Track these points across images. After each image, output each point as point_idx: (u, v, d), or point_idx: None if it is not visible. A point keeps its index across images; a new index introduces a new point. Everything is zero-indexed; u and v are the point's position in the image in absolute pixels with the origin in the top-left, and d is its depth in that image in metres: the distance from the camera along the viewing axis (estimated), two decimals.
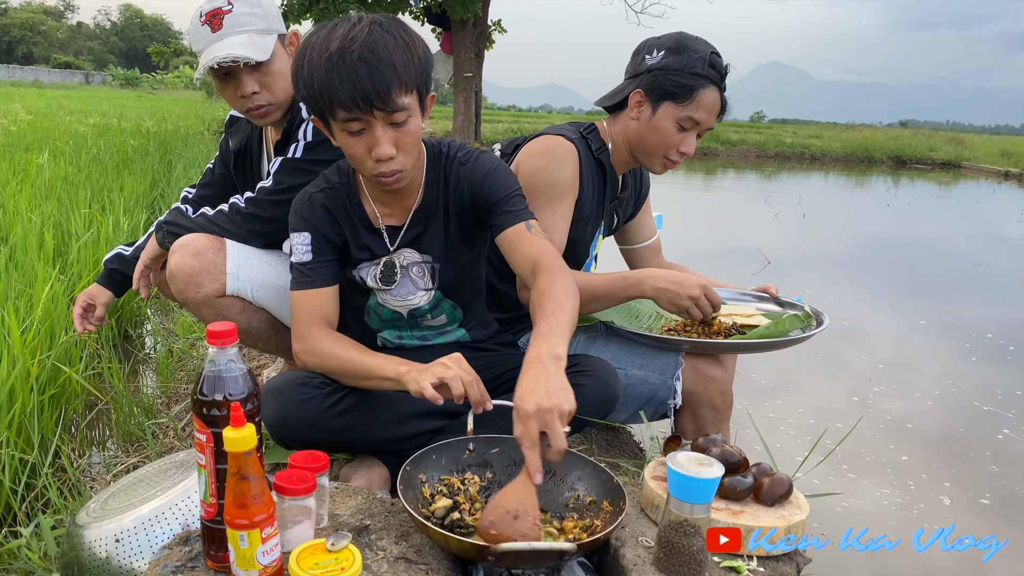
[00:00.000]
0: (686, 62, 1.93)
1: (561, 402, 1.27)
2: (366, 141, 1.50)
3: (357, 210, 1.73)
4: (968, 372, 4.00)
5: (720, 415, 2.03)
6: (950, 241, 9.07)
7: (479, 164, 1.71)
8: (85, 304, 2.18)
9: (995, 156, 23.60)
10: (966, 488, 2.70)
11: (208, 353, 1.15)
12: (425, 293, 1.79)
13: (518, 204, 1.67)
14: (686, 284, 1.88)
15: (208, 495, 1.17)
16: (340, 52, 1.42)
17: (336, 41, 1.42)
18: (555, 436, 1.27)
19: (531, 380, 1.31)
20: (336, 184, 1.73)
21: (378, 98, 1.43)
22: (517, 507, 1.28)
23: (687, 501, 1.19)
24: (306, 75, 1.46)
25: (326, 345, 1.64)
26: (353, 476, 1.72)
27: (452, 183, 1.72)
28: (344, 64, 1.41)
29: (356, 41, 1.42)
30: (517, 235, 1.63)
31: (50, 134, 8.61)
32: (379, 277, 1.76)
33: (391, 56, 1.43)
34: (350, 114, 1.45)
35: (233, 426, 1.07)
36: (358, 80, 1.41)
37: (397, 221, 1.74)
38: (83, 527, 1.47)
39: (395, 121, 1.49)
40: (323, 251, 1.70)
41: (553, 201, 1.95)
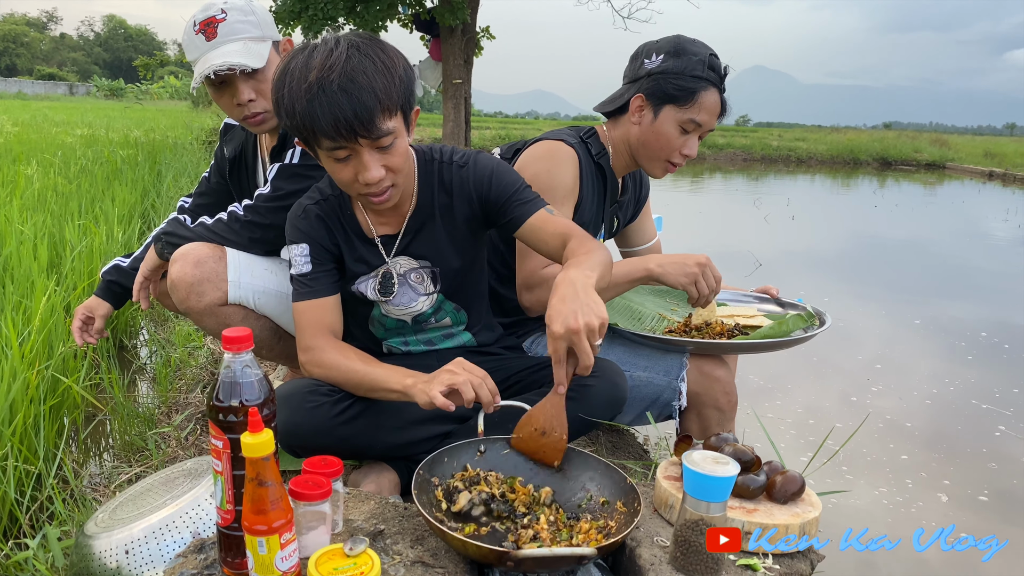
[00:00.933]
0: (686, 65, 1.94)
1: (590, 319, 1.32)
2: (353, 167, 1.50)
3: (350, 221, 1.73)
4: (964, 371, 4.02)
5: (725, 416, 2.03)
6: (939, 241, 9.14)
7: (480, 165, 1.72)
8: (84, 317, 2.17)
9: (979, 157, 23.83)
10: (965, 486, 2.71)
11: (224, 359, 1.14)
12: (427, 298, 1.79)
13: (530, 194, 1.70)
14: (691, 256, 1.89)
15: (225, 502, 1.16)
16: (320, 82, 1.40)
17: (315, 70, 1.41)
18: (583, 354, 1.33)
19: (559, 300, 1.36)
20: (329, 196, 1.73)
21: (361, 127, 1.42)
22: (544, 423, 1.41)
23: (703, 499, 1.20)
24: (287, 105, 1.45)
25: (331, 357, 1.64)
26: (363, 482, 1.72)
27: (451, 187, 1.72)
28: (324, 95, 1.40)
29: (335, 70, 1.40)
30: (542, 220, 1.66)
31: (37, 146, 8.54)
32: (378, 289, 1.76)
33: (371, 83, 1.42)
34: (335, 143, 1.45)
35: (251, 431, 1.06)
36: (340, 111, 1.40)
37: (391, 229, 1.75)
38: (92, 537, 1.46)
39: (381, 146, 1.48)
40: (322, 261, 1.70)
41: (556, 203, 1.96)
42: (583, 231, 1.64)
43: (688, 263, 1.87)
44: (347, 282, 1.77)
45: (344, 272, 1.76)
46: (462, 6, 10.07)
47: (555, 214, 1.68)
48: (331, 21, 9.54)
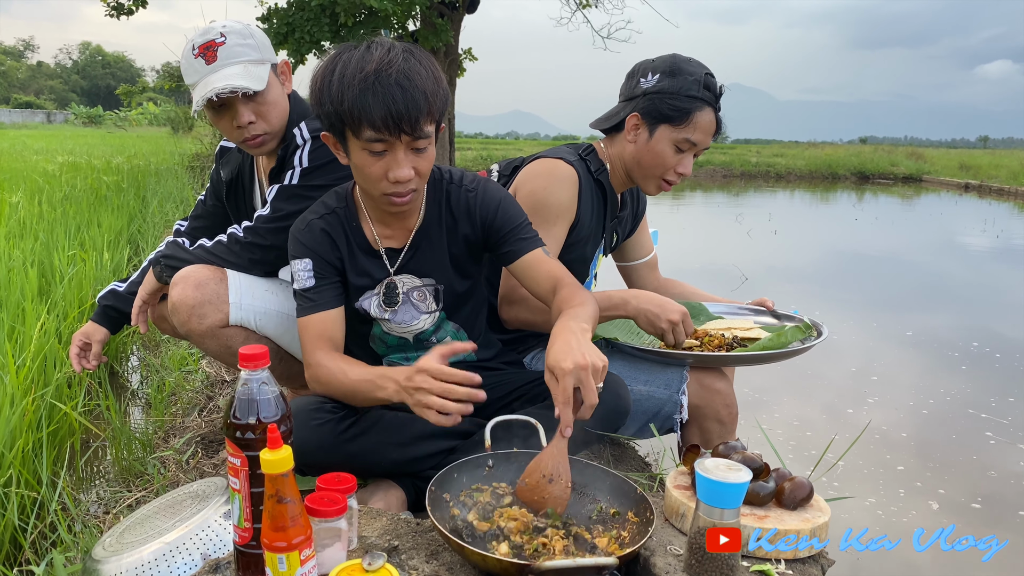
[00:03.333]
0: (681, 85, 1.97)
1: (595, 360, 1.37)
2: (385, 162, 1.53)
3: (356, 234, 1.74)
4: (959, 381, 4.07)
5: (726, 428, 2.05)
6: (921, 253, 9.26)
7: (489, 194, 1.75)
8: (81, 343, 2.16)
9: (954, 169, 24.20)
10: (960, 494, 2.75)
11: (240, 376, 1.15)
12: (429, 316, 1.80)
13: (530, 232, 1.75)
14: (668, 309, 1.91)
15: (243, 520, 1.16)
16: (377, 73, 1.45)
17: (373, 63, 1.46)
18: (589, 392, 1.35)
19: (563, 343, 1.41)
20: (335, 208, 1.74)
21: (408, 123, 1.46)
22: (551, 471, 1.39)
23: (717, 506, 1.21)
24: (335, 91, 1.48)
25: (326, 371, 1.64)
26: (370, 500, 1.71)
27: (457, 208, 1.75)
28: (380, 86, 1.44)
29: (393, 66, 1.46)
30: (537, 260, 1.71)
31: (19, 174, 8.49)
32: (382, 300, 1.77)
33: (424, 85, 1.48)
34: (377, 134, 1.48)
35: (270, 448, 1.07)
36: (392, 103, 1.44)
37: (397, 243, 1.76)
38: (100, 562, 1.45)
39: (417, 147, 1.53)
40: (325, 275, 1.71)
41: (547, 223, 1.97)
42: (574, 279, 1.69)
43: (661, 317, 1.91)
44: (350, 298, 1.77)
45: (347, 286, 1.77)
46: (445, 28, 10.14)
47: (550, 256, 1.73)
48: (317, 45, 9.58)
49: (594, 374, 1.36)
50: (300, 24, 9.46)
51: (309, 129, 1.99)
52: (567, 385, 1.35)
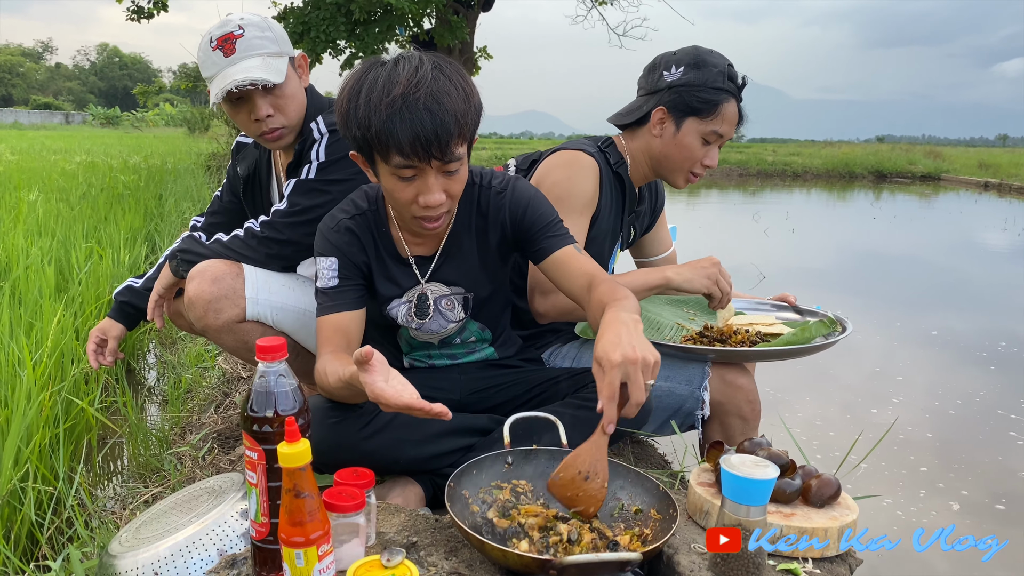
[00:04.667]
0: (707, 77, 1.95)
1: (646, 354, 1.27)
2: (416, 187, 1.48)
3: (385, 239, 1.71)
4: (988, 381, 3.98)
5: (749, 424, 2.01)
6: (942, 252, 9.14)
7: (519, 193, 1.71)
8: (98, 339, 2.16)
9: (973, 168, 23.94)
10: (983, 495, 2.69)
11: (257, 368, 1.13)
12: (455, 324, 1.79)
13: (561, 229, 1.70)
14: (702, 260, 1.95)
15: (260, 514, 1.15)
16: (404, 98, 1.38)
17: (400, 85, 1.38)
18: (636, 388, 1.25)
19: (614, 335, 1.30)
20: (365, 211, 1.70)
21: (438, 148, 1.40)
22: (588, 467, 1.32)
23: (743, 503, 1.18)
24: (362, 116, 1.42)
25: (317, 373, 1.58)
26: (388, 496, 1.69)
27: (488, 211, 1.71)
28: (408, 111, 1.37)
29: (421, 87, 1.38)
30: (570, 256, 1.66)
31: (38, 173, 8.56)
32: (414, 311, 1.75)
33: (454, 105, 1.40)
34: (407, 161, 1.42)
35: (288, 441, 1.05)
36: (421, 129, 1.38)
37: (426, 251, 1.73)
38: (117, 557, 1.44)
39: (448, 170, 1.47)
40: (350, 276, 1.67)
41: (573, 213, 1.95)
42: (608, 275, 1.63)
43: (705, 265, 1.92)
44: (378, 303, 1.75)
45: (372, 290, 1.74)
46: (461, 26, 10.13)
47: (582, 253, 1.67)
48: (332, 44, 9.60)
49: (644, 370, 1.26)
50: (316, 23, 9.48)
51: (326, 123, 1.98)
52: (613, 379, 1.25)
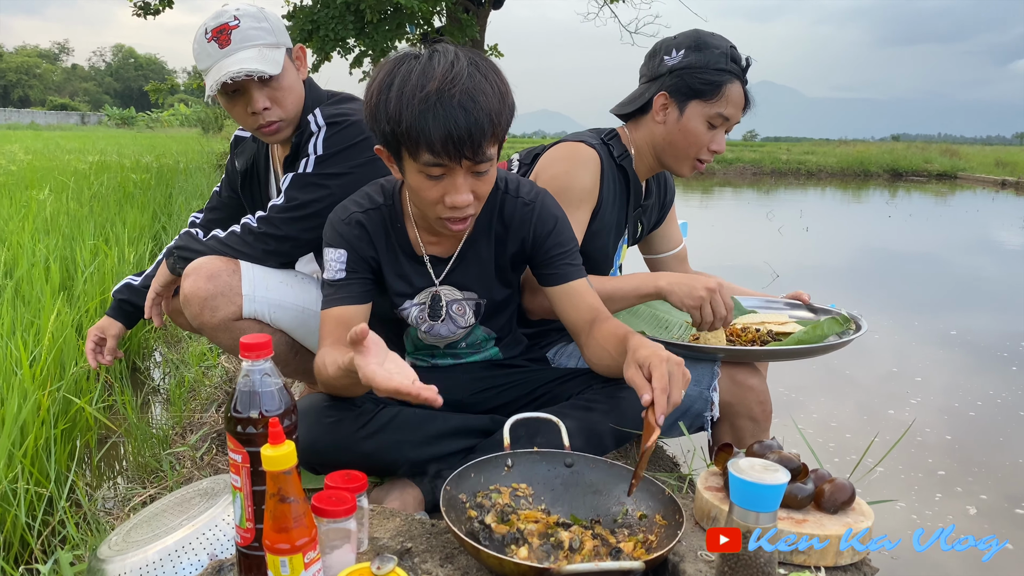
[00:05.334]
0: (709, 58, 1.89)
1: (684, 367, 1.35)
2: (443, 186, 1.43)
3: (400, 235, 1.66)
4: (1010, 382, 3.87)
5: (759, 426, 1.95)
6: (959, 250, 8.99)
7: (547, 211, 1.67)
8: (96, 338, 2.12)
9: (990, 166, 23.68)
10: (1002, 499, 2.62)
11: (241, 367, 1.08)
12: (464, 330, 1.75)
13: (578, 259, 1.69)
14: (701, 279, 1.82)
15: (244, 520, 1.10)
16: (439, 94, 1.32)
17: (435, 80, 1.33)
18: (676, 389, 1.32)
19: (656, 345, 1.39)
20: (380, 205, 1.64)
21: (470, 148, 1.36)
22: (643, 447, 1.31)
23: (752, 509, 1.12)
24: (393, 110, 1.36)
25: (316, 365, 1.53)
26: (386, 499, 1.65)
27: (511, 220, 1.67)
28: (442, 107, 1.32)
29: (457, 84, 1.33)
30: (583, 289, 1.66)
31: (50, 172, 8.58)
32: (427, 313, 1.71)
33: (489, 104, 1.36)
34: (436, 159, 1.37)
35: (271, 443, 1.00)
36: (455, 127, 1.33)
37: (442, 251, 1.68)
38: (105, 561, 1.40)
39: (478, 171, 1.43)
40: (358, 270, 1.63)
41: (570, 207, 1.90)
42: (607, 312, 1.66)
43: (697, 287, 1.81)
44: (389, 300, 1.71)
45: (380, 291, 1.70)
46: (471, 23, 10.09)
47: (592, 288, 1.68)
48: (341, 43, 9.57)
49: (684, 378, 1.34)
50: (325, 21, 9.45)
51: (324, 116, 1.93)
52: (664, 372, 1.30)
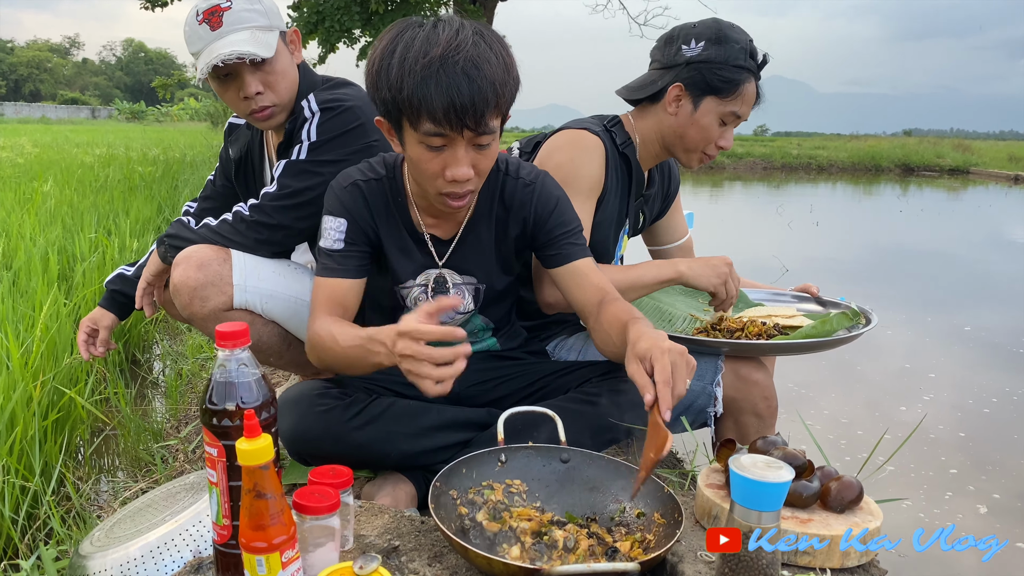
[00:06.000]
0: (729, 54, 1.83)
1: (687, 355, 1.26)
2: (444, 159, 1.39)
3: (401, 210, 1.61)
4: None
5: (764, 422, 1.90)
6: (972, 246, 8.86)
7: (548, 191, 1.63)
8: (88, 329, 2.07)
9: (1003, 161, 23.46)
10: (1016, 498, 2.56)
11: (217, 357, 1.03)
12: (463, 315, 1.69)
13: (581, 239, 1.64)
14: (716, 257, 1.86)
15: (221, 516, 1.05)
16: (443, 60, 1.29)
17: (439, 47, 1.30)
18: (680, 379, 1.23)
19: (656, 334, 1.30)
20: (382, 176, 1.60)
21: (472, 117, 1.31)
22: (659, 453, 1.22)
23: (754, 509, 1.07)
24: (395, 77, 1.32)
25: (316, 333, 1.49)
26: (377, 494, 1.60)
27: (512, 201, 1.62)
28: (445, 74, 1.29)
29: (461, 51, 1.30)
30: (589, 268, 1.60)
31: (56, 165, 8.57)
32: (431, 295, 1.65)
33: (493, 74, 1.32)
34: (438, 128, 1.33)
35: (247, 436, 0.95)
36: (458, 95, 1.29)
37: (443, 233, 1.64)
38: (87, 558, 1.35)
39: (480, 143, 1.38)
40: (356, 242, 1.58)
41: (580, 195, 1.85)
42: (616, 291, 1.58)
43: (716, 264, 1.83)
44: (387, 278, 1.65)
45: (379, 262, 1.65)
46: (478, 15, 10.02)
47: (597, 267, 1.62)
48: (347, 34, 9.52)
49: (688, 367, 1.25)
50: (330, 13, 9.39)
51: (318, 101, 1.88)
52: (666, 364, 1.22)
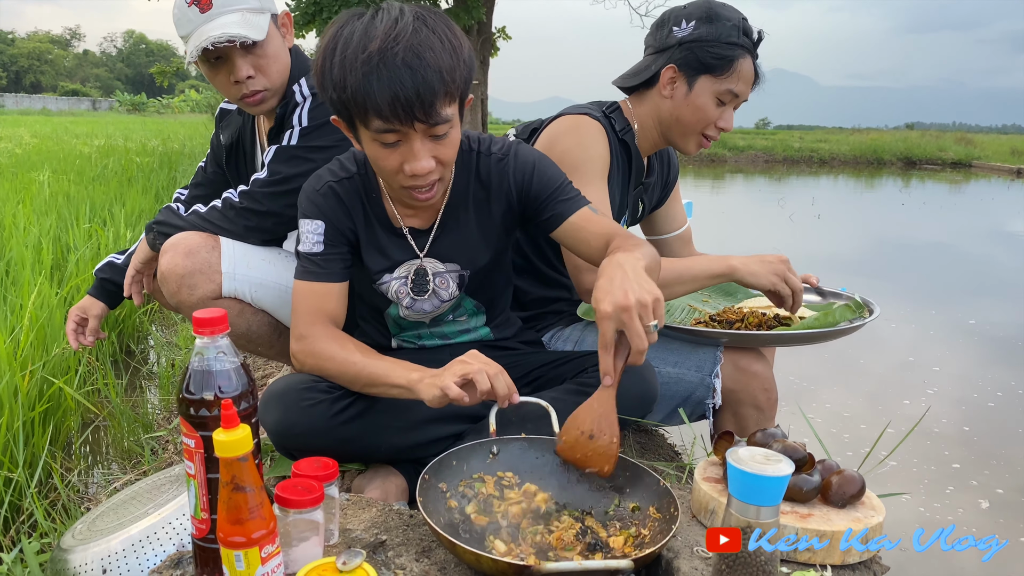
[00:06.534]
0: (721, 31, 1.78)
1: (642, 295, 1.18)
2: (400, 154, 1.34)
3: (376, 206, 1.57)
4: None
5: (764, 415, 1.86)
6: (975, 239, 8.81)
7: (521, 158, 1.56)
8: (78, 318, 2.04)
9: (1006, 155, 23.38)
10: (1019, 493, 2.52)
11: (195, 345, 1.00)
12: (448, 303, 1.65)
13: (572, 191, 1.56)
14: (771, 255, 1.77)
15: (199, 509, 1.02)
16: (381, 54, 1.24)
17: (376, 40, 1.24)
18: (635, 335, 1.17)
19: (606, 280, 1.23)
20: (354, 174, 1.55)
21: (421, 110, 1.26)
22: (591, 426, 1.24)
23: (752, 503, 1.03)
24: (337, 75, 1.28)
25: (326, 346, 1.47)
26: (367, 487, 1.56)
27: (489, 180, 1.57)
28: (385, 68, 1.23)
29: (400, 41, 1.24)
30: (585, 219, 1.52)
31: (54, 155, 8.53)
32: (410, 288, 1.61)
33: (438, 61, 1.26)
34: (387, 125, 1.28)
35: (224, 427, 0.91)
36: (401, 88, 1.24)
37: (421, 223, 1.59)
38: (68, 551, 1.32)
39: (436, 134, 1.33)
40: (335, 243, 1.53)
41: (595, 178, 1.80)
42: (627, 233, 1.50)
43: (772, 261, 1.75)
44: (366, 276, 1.62)
45: (358, 266, 1.61)
46: (477, 5, 9.95)
47: (598, 213, 1.54)
48: None
49: (641, 312, 1.17)
50: (328, 4, 9.34)
51: (309, 85, 1.84)
52: (606, 330, 1.18)
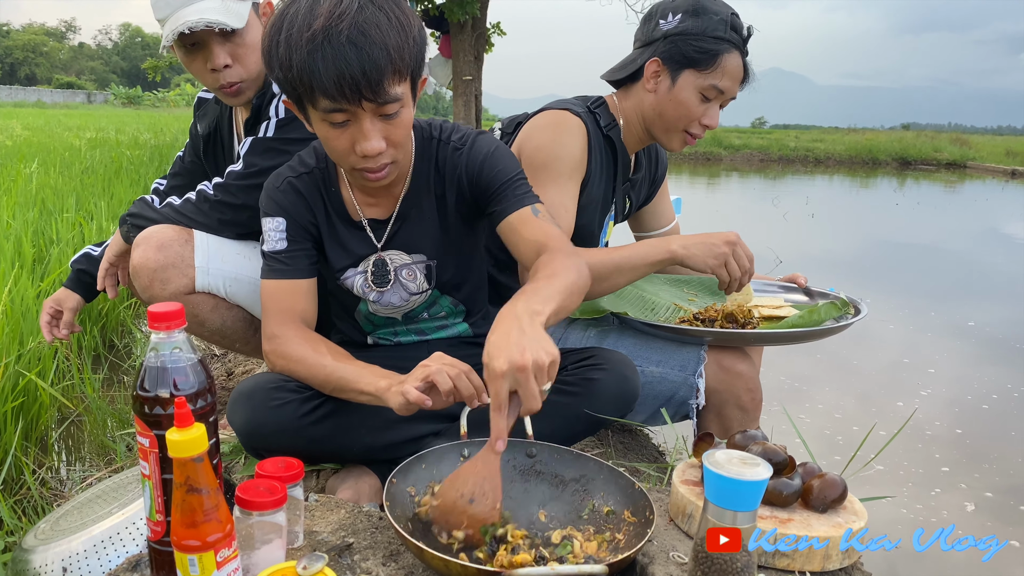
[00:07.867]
0: (706, 25, 1.75)
1: (539, 355, 1.09)
2: (350, 134, 1.31)
3: (335, 200, 1.54)
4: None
5: (748, 415, 1.83)
6: (969, 240, 8.78)
7: (476, 148, 1.52)
8: (52, 311, 2.00)
9: (1000, 155, 23.40)
10: (1009, 496, 2.50)
11: (150, 340, 0.96)
12: (419, 296, 1.61)
13: (521, 188, 1.50)
14: (717, 235, 1.68)
15: (154, 511, 0.98)
16: (325, 32, 1.21)
17: (321, 18, 1.22)
18: (528, 396, 1.09)
19: (501, 335, 1.14)
20: (313, 168, 1.54)
21: (368, 88, 1.24)
22: (472, 489, 1.13)
23: (729, 508, 0.99)
24: (283, 55, 1.25)
25: (297, 348, 1.44)
26: (340, 488, 1.53)
27: (446, 170, 1.54)
28: (330, 46, 1.21)
29: (344, 19, 1.22)
30: (521, 220, 1.46)
31: (44, 147, 8.46)
32: (371, 280, 1.57)
33: (384, 39, 1.23)
34: (334, 104, 1.26)
35: (178, 426, 0.88)
36: (346, 66, 1.21)
37: (381, 213, 1.56)
38: (29, 551, 1.28)
39: (386, 113, 1.30)
40: (298, 239, 1.51)
41: (561, 177, 1.77)
42: (560, 242, 1.43)
43: (715, 242, 1.67)
44: (330, 273, 1.59)
45: (323, 264, 1.58)
46: (472, 0, 9.91)
47: (541, 214, 1.47)
48: None
49: (536, 374, 1.09)
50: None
51: None
52: (499, 390, 1.10)
